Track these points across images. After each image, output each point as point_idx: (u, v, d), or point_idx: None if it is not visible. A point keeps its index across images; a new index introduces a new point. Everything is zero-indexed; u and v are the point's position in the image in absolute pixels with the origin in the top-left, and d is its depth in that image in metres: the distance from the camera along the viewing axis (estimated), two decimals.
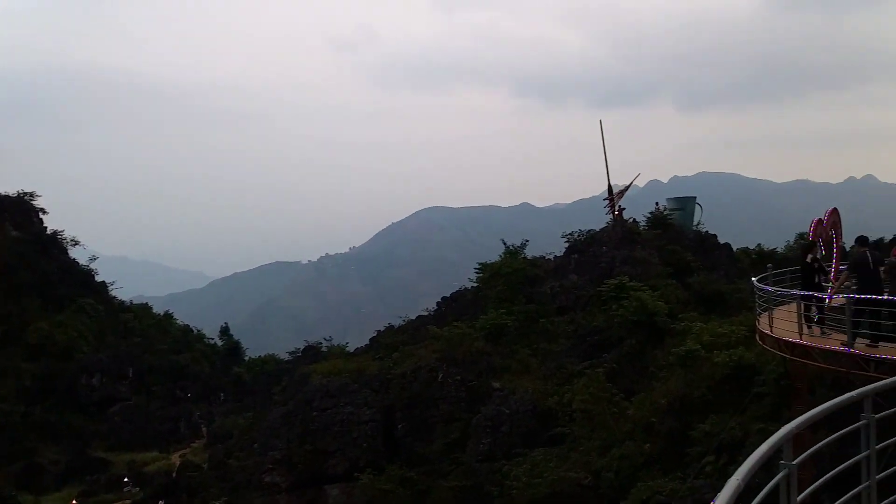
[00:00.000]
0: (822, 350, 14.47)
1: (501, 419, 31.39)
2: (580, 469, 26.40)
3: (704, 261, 42.99)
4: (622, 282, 36.63)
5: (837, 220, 18.74)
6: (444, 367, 35.38)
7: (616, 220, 46.59)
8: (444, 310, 47.76)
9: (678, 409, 26.69)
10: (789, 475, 4.03)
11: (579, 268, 42.60)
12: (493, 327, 38.11)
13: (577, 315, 38.86)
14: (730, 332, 28.83)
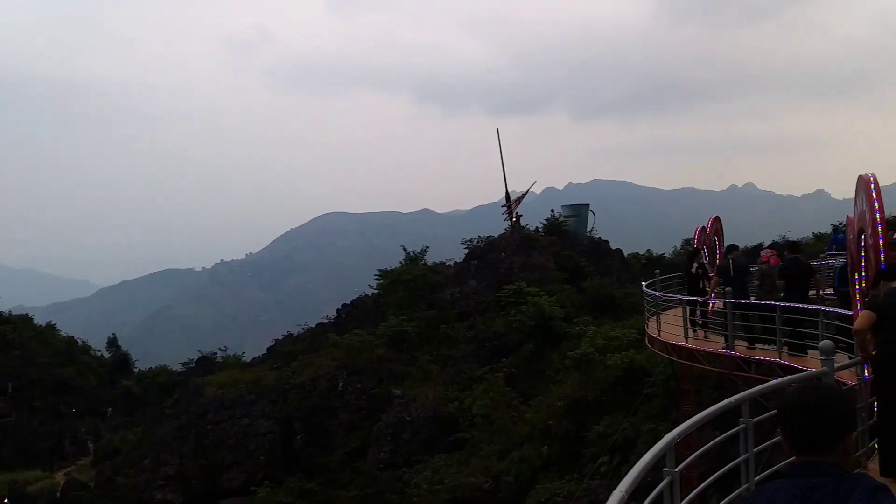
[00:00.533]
0: (706, 353, 15.20)
1: (402, 426, 31.35)
2: (480, 474, 26.68)
3: (598, 266, 44.39)
4: (520, 287, 37.35)
5: (719, 228, 19.77)
6: (344, 376, 35.00)
7: (514, 226, 47.49)
8: (344, 317, 47.27)
9: (574, 411, 27.40)
10: (672, 482, 4.21)
11: (479, 274, 43.11)
12: (394, 334, 38.01)
13: (476, 321, 39.29)
14: (622, 336, 29.86)
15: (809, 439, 2.74)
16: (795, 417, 2.79)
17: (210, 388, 37.59)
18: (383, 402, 33.49)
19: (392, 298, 42.77)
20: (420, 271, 43.90)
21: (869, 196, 7.56)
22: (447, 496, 25.90)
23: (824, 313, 11.07)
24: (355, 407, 34.13)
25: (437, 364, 36.74)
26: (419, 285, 42.48)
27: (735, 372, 14.15)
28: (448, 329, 39.18)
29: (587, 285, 40.11)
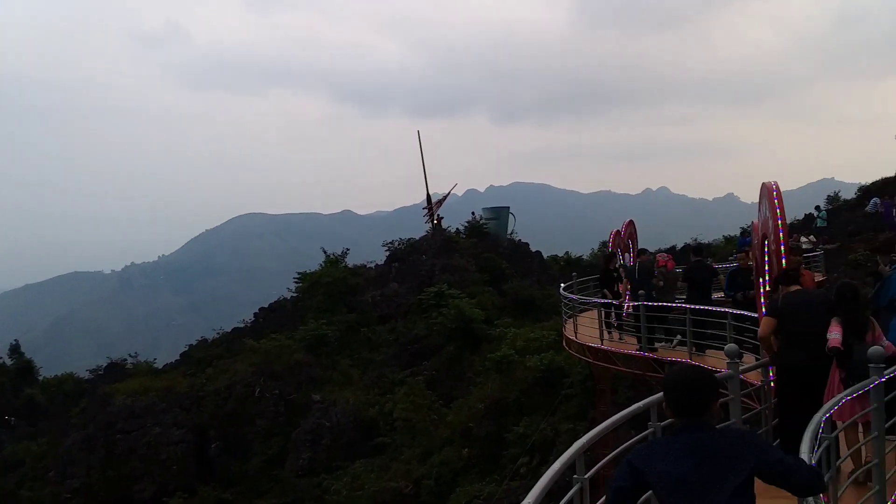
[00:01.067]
0: (621, 354, 15.57)
1: (322, 432, 30.90)
2: (401, 478, 26.57)
3: (518, 268, 44.94)
4: (441, 289, 37.44)
5: (633, 231, 20.30)
6: (261, 382, 34.25)
7: (435, 228, 47.58)
8: (261, 321, 46.29)
9: (494, 412, 27.64)
10: (582, 490, 4.24)
11: (400, 276, 42.98)
12: (314, 338, 37.44)
13: (398, 323, 39.16)
14: (541, 337, 30.34)
15: (689, 406, 3.55)
16: (678, 390, 3.60)
17: (119, 396, 36.08)
18: (302, 408, 32.95)
19: (311, 301, 42.15)
20: (340, 274, 43.42)
21: (771, 203, 7.87)
22: (368, 502, 25.69)
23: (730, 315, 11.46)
24: (273, 413, 33.44)
25: (357, 368, 36.41)
26: (339, 288, 42.02)
27: (648, 373, 14.53)
28: (369, 332, 38.90)
29: (508, 287, 40.56)
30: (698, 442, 3.46)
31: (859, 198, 48.38)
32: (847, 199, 52.21)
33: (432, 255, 42.94)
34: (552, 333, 28.91)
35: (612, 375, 19.69)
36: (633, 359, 15.18)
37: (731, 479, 3.37)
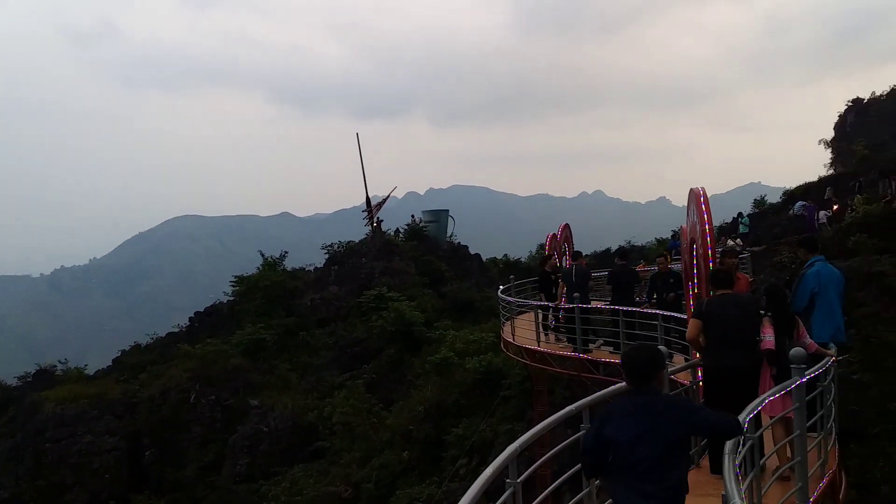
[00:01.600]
0: (557, 355, 15.83)
1: (260, 438, 30.48)
2: (340, 482, 26.42)
3: (457, 270, 45.15)
4: (381, 292, 37.36)
5: (569, 234, 20.64)
6: (196, 387, 33.57)
7: (375, 231, 47.41)
8: (197, 325, 45.35)
9: (434, 415, 27.73)
10: (515, 493, 4.34)
11: (340, 279, 42.71)
12: (251, 342, 36.87)
13: (337, 327, 38.91)
14: (480, 339, 30.57)
15: (638, 375, 4.63)
16: (629, 364, 4.67)
17: (49, 404, 34.83)
18: (239, 414, 32.44)
19: (249, 305, 41.50)
20: (278, 277, 42.87)
21: (699, 208, 8.13)
22: None
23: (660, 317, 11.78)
24: (209, 419, 32.82)
25: (296, 372, 36.03)
26: (277, 291, 41.49)
27: (584, 374, 14.81)
28: (308, 336, 38.54)
29: (447, 290, 40.72)
30: (643, 404, 4.53)
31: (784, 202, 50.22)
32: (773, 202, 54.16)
33: (372, 258, 42.79)
34: (491, 335, 29.16)
35: (549, 377, 20.00)
36: (569, 360, 15.45)
37: (666, 436, 4.33)
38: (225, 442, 31.43)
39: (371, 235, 46.48)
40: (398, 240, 46.88)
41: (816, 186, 48.51)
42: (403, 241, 46.94)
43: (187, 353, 36.35)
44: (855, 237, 28.42)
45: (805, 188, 49.46)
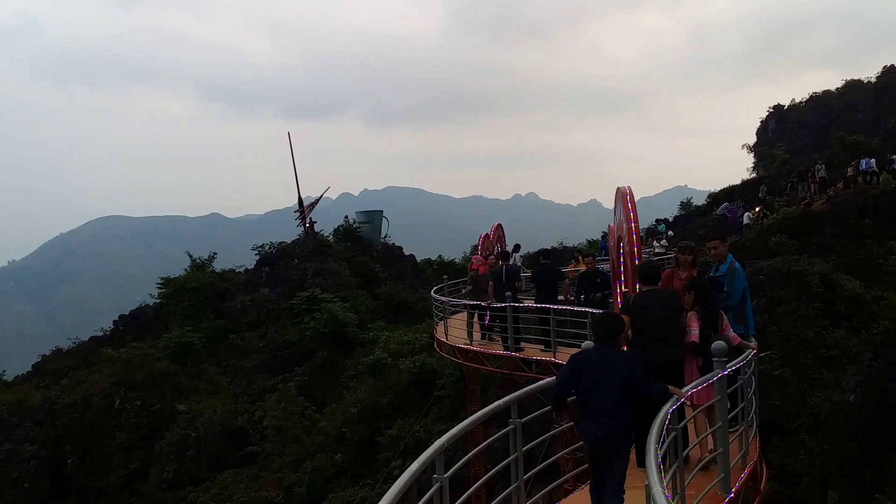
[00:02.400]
0: (490, 354, 15.91)
1: (188, 443, 29.71)
2: (272, 487, 25.99)
3: (391, 271, 44.97)
4: (314, 294, 36.89)
5: (501, 235, 20.81)
6: (121, 393, 32.50)
7: (308, 232, 46.82)
8: (122, 329, 43.88)
9: (368, 416, 27.56)
10: (441, 489, 4.31)
11: (271, 281, 42.00)
12: (178, 346, 35.89)
13: (269, 329, 38.26)
14: (414, 340, 30.56)
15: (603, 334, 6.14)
16: (597, 326, 6.24)
17: None
18: (166, 419, 31.56)
19: (176, 308, 40.38)
20: (207, 279, 41.85)
21: (625, 206, 8.27)
22: None
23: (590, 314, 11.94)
24: (135, 425, 31.82)
25: (225, 376, 35.26)
26: (206, 293, 40.50)
27: (516, 372, 14.91)
28: (238, 339, 37.78)
29: (381, 291, 40.51)
30: (605, 356, 5.97)
31: (709, 204, 51.91)
32: (698, 205, 55.87)
33: (305, 259, 42.23)
34: (425, 336, 29.17)
35: (483, 376, 20.11)
36: (502, 359, 15.54)
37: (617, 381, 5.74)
38: (151, 448, 30.56)
39: (304, 236, 45.86)
40: (331, 241, 46.39)
41: (740, 189, 50.36)
42: (337, 241, 46.49)
43: (111, 358, 35.15)
44: (775, 238, 29.60)
45: (729, 191, 51.30)
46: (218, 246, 56.46)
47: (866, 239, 29.16)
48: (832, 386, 20.59)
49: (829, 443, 19.51)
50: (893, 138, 40.63)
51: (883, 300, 23.21)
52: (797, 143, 77.27)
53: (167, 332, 37.45)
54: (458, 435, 4.76)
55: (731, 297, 8.47)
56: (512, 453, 5.46)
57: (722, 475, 6.18)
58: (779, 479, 20.16)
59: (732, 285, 8.65)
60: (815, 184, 35.15)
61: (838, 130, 53.77)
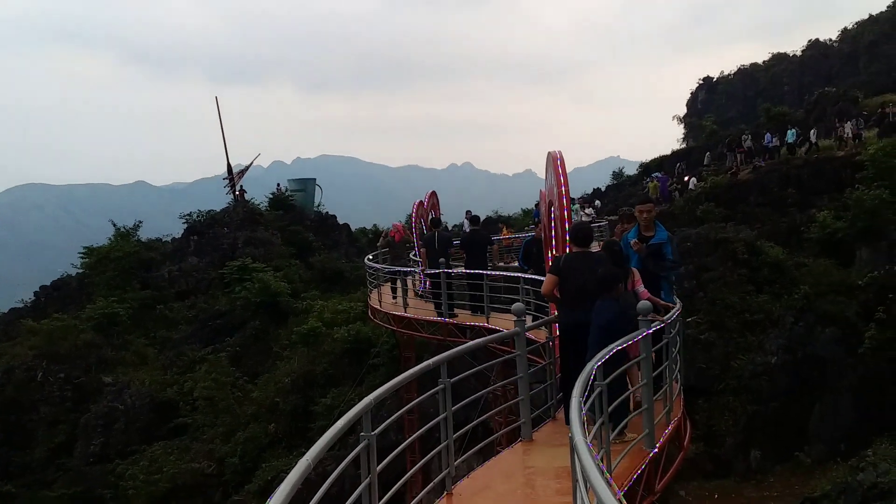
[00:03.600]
0: (423, 321, 15.89)
1: (115, 416, 28.98)
2: (203, 458, 25.64)
3: (325, 240, 44.48)
4: (245, 263, 36.17)
5: (436, 202, 20.68)
6: (43, 365, 31.43)
7: (237, 200, 45.78)
8: (43, 300, 42.30)
9: (301, 386, 27.36)
10: (369, 447, 4.24)
11: (200, 250, 41.00)
12: (103, 317, 34.77)
13: (198, 299, 37.44)
14: (349, 309, 30.38)
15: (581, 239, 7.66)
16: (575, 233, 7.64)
17: None
18: (92, 392, 30.70)
19: (100, 278, 39.05)
20: (132, 248, 40.51)
21: (556, 171, 8.26)
22: (166, 485, 24.56)
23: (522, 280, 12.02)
24: (59, 399, 30.86)
25: (153, 347, 34.40)
26: (131, 263, 39.24)
27: (450, 338, 14.92)
28: (166, 309, 36.84)
29: (315, 260, 40.05)
30: (584, 254, 7.40)
31: (640, 174, 52.94)
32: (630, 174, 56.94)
33: (234, 228, 41.32)
34: (359, 305, 29.01)
35: (417, 343, 20.13)
36: (436, 325, 15.55)
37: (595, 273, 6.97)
38: (76, 422, 29.74)
39: (233, 205, 44.83)
40: (262, 209, 45.49)
41: (670, 160, 51.47)
42: (268, 210, 45.62)
43: (33, 330, 33.91)
44: (703, 206, 30.41)
45: (659, 161, 52.40)
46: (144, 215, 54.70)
47: (789, 207, 30.23)
48: (755, 349, 21.39)
49: (752, 404, 20.31)
50: (816, 110, 42.03)
51: (804, 266, 24.15)
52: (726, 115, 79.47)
53: (91, 303, 36.25)
54: (386, 393, 4.69)
55: (679, 263, 8.58)
56: (441, 412, 5.43)
57: (647, 431, 6.30)
58: (704, 439, 20.90)
59: (677, 252, 8.58)
60: (742, 154, 36.16)
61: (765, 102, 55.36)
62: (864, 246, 25.00)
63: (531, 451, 6.82)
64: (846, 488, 15.70)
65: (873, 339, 19.69)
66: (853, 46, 77.29)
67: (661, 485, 6.62)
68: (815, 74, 75.58)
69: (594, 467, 2.75)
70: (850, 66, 73.06)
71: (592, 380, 4.97)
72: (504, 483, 5.95)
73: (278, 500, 2.65)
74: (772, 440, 20.05)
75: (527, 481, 6.07)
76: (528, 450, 6.85)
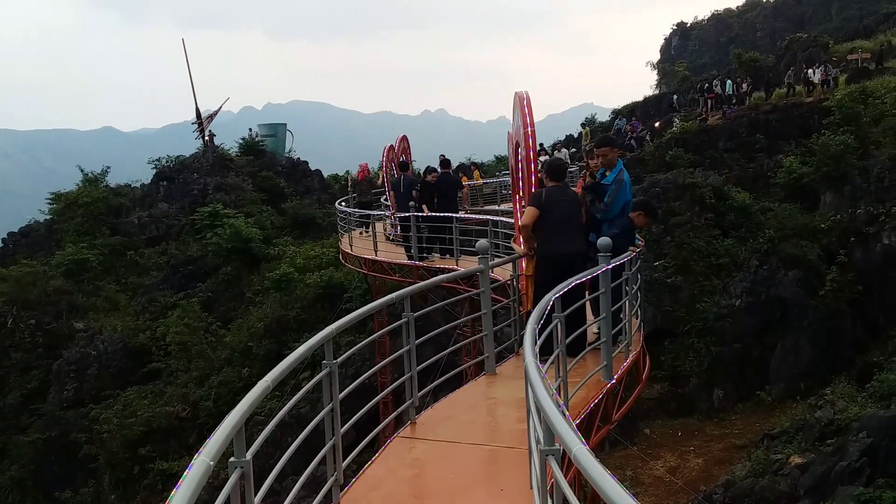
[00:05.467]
0: (395, 264, 16.02)
1: (88, 362, 28.98)
2: (178, 402, 25.87)
3: (297, 187, 44.11)
4: (216, 209, 35.85)
5: (407, 147, 20.68)
6: (13, 312, 31.20)
7: (206, 145, 45.10)
8: (11, 247, 41.69)
9: (274, 331, 27.53)
10: (331, 374, 4.39)
11: (169, 196, 40.53)
12: (73, 263, 34.43)
13: (169, 245, 37.18)
14: (321, 255, 30.41)
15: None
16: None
17: None
18: (64, 338, 30.63)
19: (69, 225, 38.55)
20: (101, 193, 39.94)
21: (522, 111, 8.32)
22: (141, 428, 24.81)
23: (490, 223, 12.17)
24: (30, 345, 30.76)
25: (125, 294, 34.25)
26: (100, 209, 38.73)
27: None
28: (137, 256, 36.57)
29: (287, 206, 39.80)
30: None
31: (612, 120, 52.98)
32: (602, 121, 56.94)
33: (204, 174, 40.80)
34: (332, 251, 29.06)
35: (389, 287, 20.28)
36: (407, 268, 15.69)
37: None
38: (49, 368, 29.70)
39: (202, 150, 44.17)
40: (233, 154, 44.87)
41: (642, 106, 51.51)
42: (238, 155, 45.02)
43: (1, 277, 33.53)
44: (672, 151, 30.65)
45: (631, 108, 52.40)
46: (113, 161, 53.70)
47: (757, 153, 30.59)
48: (720, 292, 21.92)
49: (716, 345, 20.92)
50: (787, 56, 42.14)
51: (770, 210, 24.60)
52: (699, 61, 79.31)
53: (60, 250, 35.87)
54: (348, 323, 4.84)
55: (608, 210, 8.13)
56: (405, 345, 5.59)
57: (605, 363, 6.53)
58: (669, 379, 21.54)
59: (615, 197, 8.15)
60: (712, 99, 36.29)
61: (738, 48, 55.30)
62: (829, 190, 25.49)
63: (494, 383, 7.04)
64: (804, 425, 16.37)
65: (834, 281, 20.28)
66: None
67: (619, 415, 6.90)
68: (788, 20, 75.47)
69: (541, 385, 2.91)
70: (823, 12, 73.04)
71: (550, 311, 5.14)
72: (466, 413, 6.17)
73: (237, 413, 2.77)
74: (734, 380, 20.72)
75: (488, 411, 6.31)
76: (491, 382, 7.08)
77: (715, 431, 19.42)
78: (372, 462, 5.14)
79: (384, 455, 5.24)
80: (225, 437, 2.55)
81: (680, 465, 17.92)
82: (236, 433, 2.74)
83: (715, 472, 16.95)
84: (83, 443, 26.05)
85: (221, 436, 2.53)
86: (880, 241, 20.66)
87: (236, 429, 2.70)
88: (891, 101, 28.12)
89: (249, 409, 2.90)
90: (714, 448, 18.50)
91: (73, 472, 26.37)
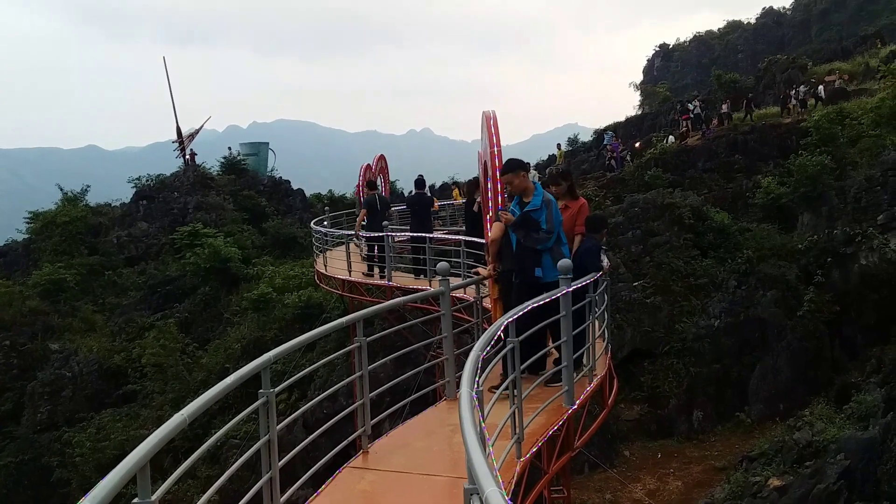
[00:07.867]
0: (368, 284, 15.85)
1: (62, 383, 28.51)
2: (152, 425, 25.41)
3: (279, 206, 43.97)
4: (196, 228, 35.58)
5: (384, 166, 20.57)
6: None
7: (188, 164, 44.88)
8: None
9: (252, 352, 27.12)
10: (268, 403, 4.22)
11: (149, 215, 40.23)
12: (50, 283, 34.02)
13: (148, 265, 36.84)
14: (300, 275, 30.18)
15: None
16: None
17: None
18: (38, 359, 30.16)
19: (46, 244, 38.14)
20: (80, 212, 39.58)
21: (489, 130, 8.25)
22: (114, 452, 24.29)
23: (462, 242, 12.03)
24: (4, 366, 30.26)
25: (102, 314, 33.83)
26: (79, 228, 38.37)
27: None
28: (115, 275, 36.18)
29: (268, 226, 39.60)
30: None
31: (594, 140, 53.28)
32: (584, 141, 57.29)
33: (185, 193, 40.57)
34: (311, 271, 28.80)
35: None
36: (380, 288, 15.52)
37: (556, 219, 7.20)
38: (23, 389, 29.20)
39: (184, 169, 43.94)
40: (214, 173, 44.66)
41: (623, 126, 51.88)
42: (220, 174, 44.81)
43: None
44: (651, 171, 30.73)
45: (613, 128, 52.78)
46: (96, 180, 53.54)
47: (736, 173, 30.72)
48: (699, 312, 21.85)
49: (695, 366, 20.80)
50: (766, 77, 42.58)
51: (748, 231, 24.63)
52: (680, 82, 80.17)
53: (37, 269, 35.44)
54: (286, 351, 4.71)
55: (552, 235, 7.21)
56: (357, 371, 5.43)
57: (566, 388, 6.37)
58: (649, 400, 21.39)
59: (552, 220, 7.24)
60: (690, 120, 36.52)
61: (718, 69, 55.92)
62: (806, 211, 25.58)
63: (455, 408, 6.85)
64: (783, 447, 16.24)
65: (811, 301, 20.26)
66: (805, 14, 78.37)
67: (581, 442, 6.74)
68: (768, 42, 76.52)
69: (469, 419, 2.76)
70: (803, 34, 74.14)
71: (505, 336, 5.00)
72: (422, 440, 5.99)
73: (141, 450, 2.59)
74: (714, 401, 20.59)
75: (445, 438, 6.12)
76: (451, 408, 6.90)
77: (694, 453, 19.26)
78: (317, 494, 4.95)
79: (331, 487, 5.05)
80: (119, 479, 2.36)
81: (659, 488, 17.71)
82: (140, 471, 2.55)
83: (694, 495, 16.76)
84: (55, 467, 25.55)
85: (114, 478, 2.34)
86: (857, 262, 20.69)
87: (138, 467, 2.52)
88: (867, 122, 28.38)
89: (157, 446, 2.72)
90: (693, 470, 18.32)
91: (46, 497, 25.84)
